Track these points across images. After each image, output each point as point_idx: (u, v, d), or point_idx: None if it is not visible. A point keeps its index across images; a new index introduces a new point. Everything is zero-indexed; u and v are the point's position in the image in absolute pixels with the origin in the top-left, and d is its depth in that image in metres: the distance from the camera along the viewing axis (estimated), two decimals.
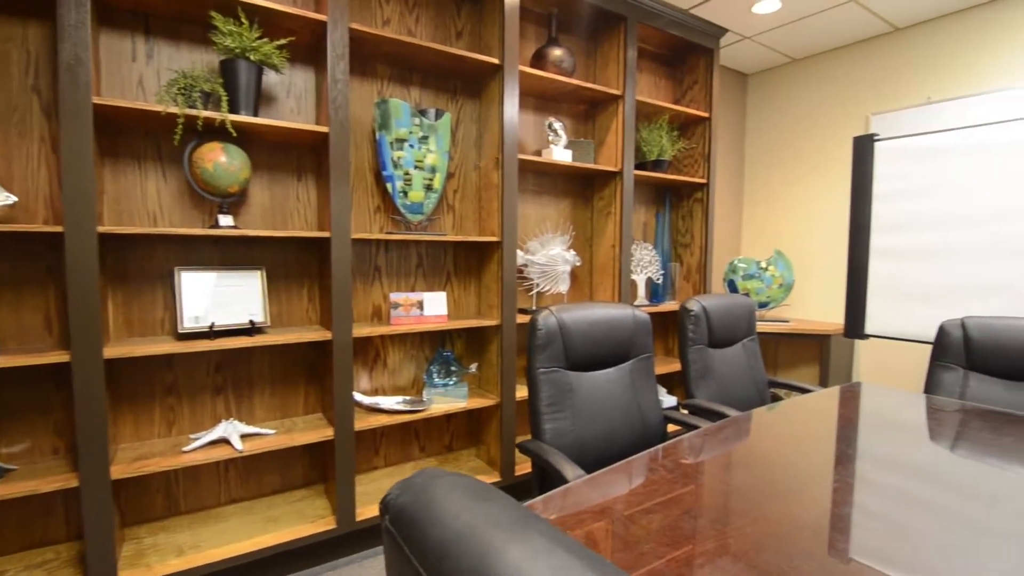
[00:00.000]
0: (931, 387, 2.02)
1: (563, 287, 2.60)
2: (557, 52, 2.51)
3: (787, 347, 3.52)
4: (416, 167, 2.18)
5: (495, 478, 2.41)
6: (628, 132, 2.72)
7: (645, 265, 2.99)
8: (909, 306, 2.68)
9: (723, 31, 3.10)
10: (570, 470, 1.29)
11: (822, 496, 1.14)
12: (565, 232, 2.85)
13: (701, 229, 3.13)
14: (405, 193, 2.18)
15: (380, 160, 2.17)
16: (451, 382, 2.34)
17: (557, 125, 2.58)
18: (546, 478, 1.51)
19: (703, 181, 3.09)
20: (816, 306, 3.62)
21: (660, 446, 1.37)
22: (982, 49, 2.88)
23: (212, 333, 1.80)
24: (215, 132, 1.86)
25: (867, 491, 1.16)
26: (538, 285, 2.58)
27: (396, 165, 2.15)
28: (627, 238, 2.75)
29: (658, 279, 3.06)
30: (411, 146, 2.17)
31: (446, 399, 2.28)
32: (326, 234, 1.92)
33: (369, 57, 2.22)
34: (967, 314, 2.32)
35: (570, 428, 1.54)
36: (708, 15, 3.11)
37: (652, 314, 3.18)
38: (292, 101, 2.08)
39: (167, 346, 1.68)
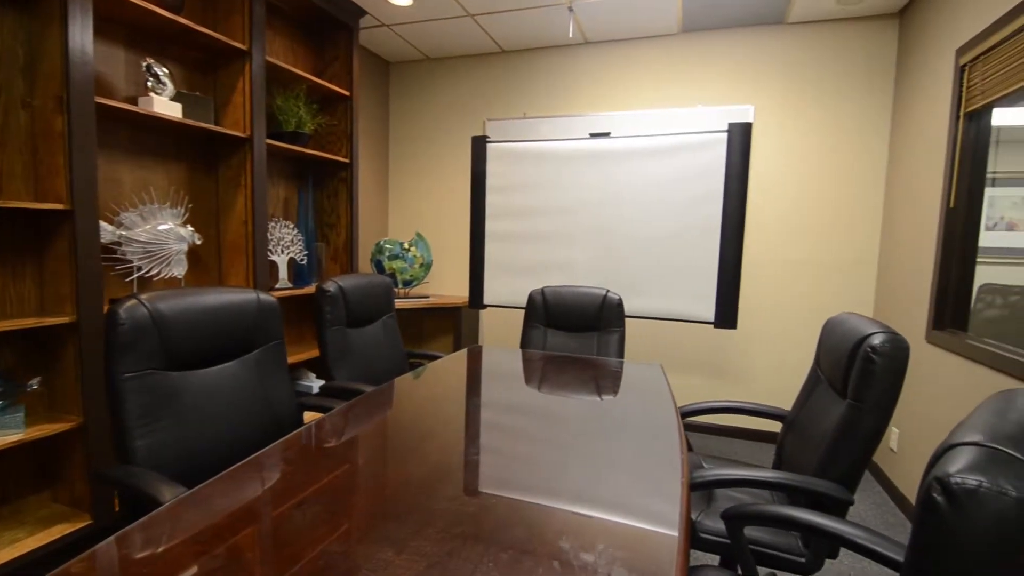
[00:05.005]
0: (525, 343, 2.53)
1: (178, 270, 2.17)
2: None
3: (430, 320, 3.89)
4: None
5: (84, 522, 1.85)
6: (258, 95, 2.43)
7: (287, 245, 2.78)
8: (513, 279, 3.31)
9: (362, 12, 3.11)
10: (167, 491, 1.06)
11: (456, 443, 1.27)
12: (179, 204, 2.37)
13: (346, 209, 3.11)
14: None
15: None
16: None
17: (160, 71, 2.10)
18: (140, 508, 1.21)
19: (346, 160, 3.06)
20: (452, 282, 4.11)
21: (284, 438, 1.27)
22: (564, 80, 3.74)
23: None
24: None
25: (489, 432, 1.36)
26: (141, 269, 2.07)
27: None
28: (261, 214, 2.48)
29: (302, 260, 2.89)
30: None
31: None
32: None
33: None
34: (547, 284, 3.01)
35: (174, 440, 1.27)
36: None
37: (297, 297, 3.00)
38: None
39: None
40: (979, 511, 0.50)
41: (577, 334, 2.49)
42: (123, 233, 2.01)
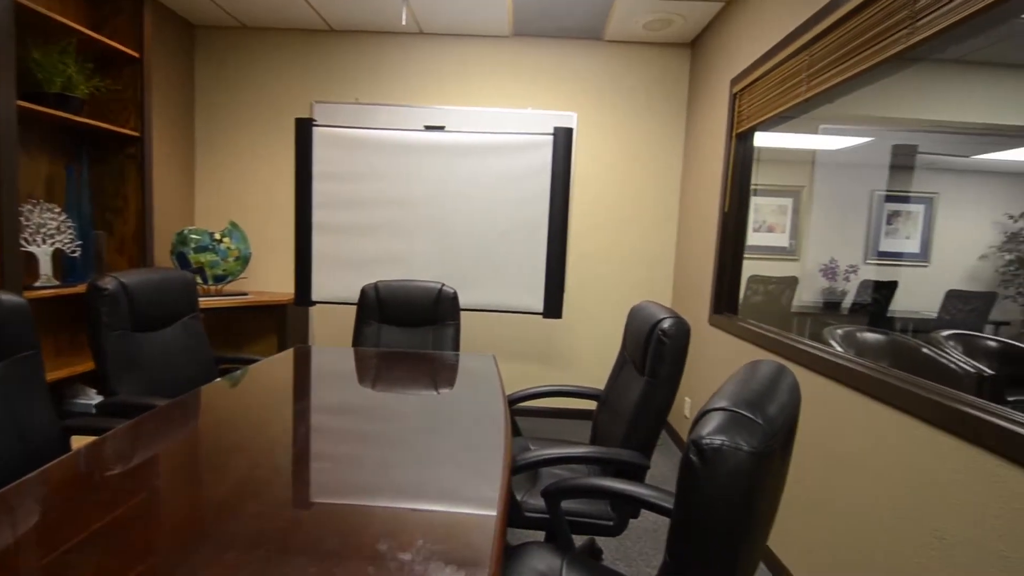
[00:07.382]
0: (357, 340, 2.42)
1: None
2: None
3: (249, 319, 3.51)
4: None
5: None
6: (3, 44, 1.93)
7: (50, 233, 2.26)
8: (344, 274, 3.15)
9: None
10: None
11: (272, 452, 1.15)
12: None
13: (137, 192, 2.64)
14: None
15: None
16: None
17: None
18: None
19: (136, 134, 2.60)
20: (277, 278, 3.76)
21: (40, 469, 1.03)
22: (399, 69, 3.62)
23: None
24: None
25: (314, 437, 1.26)
26: None
27: None
28: (10, 195, 1.98)
29: (74, 252, 2.38)
30: None
31: None
32: None
33: None
34: (380, 279, 2.92)
35: None
36: None
37: (68, 297, 2.47)
38: None
39: None
40: (722, 465, 0.60)
41: (412, 329, 2.46)
42: None
